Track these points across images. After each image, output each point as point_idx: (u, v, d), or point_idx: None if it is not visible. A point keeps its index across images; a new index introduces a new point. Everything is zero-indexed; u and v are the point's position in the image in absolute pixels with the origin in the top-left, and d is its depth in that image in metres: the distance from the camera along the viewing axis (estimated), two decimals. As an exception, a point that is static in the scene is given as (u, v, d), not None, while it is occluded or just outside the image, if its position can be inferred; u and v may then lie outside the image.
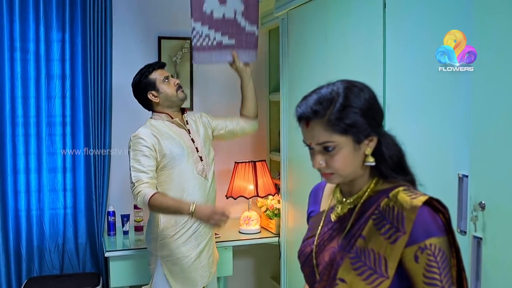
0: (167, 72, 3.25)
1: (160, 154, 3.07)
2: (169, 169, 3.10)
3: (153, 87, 3.16)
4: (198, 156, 3.19)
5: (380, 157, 1.50)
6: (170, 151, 3.08)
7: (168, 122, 3.19)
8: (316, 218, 1.70)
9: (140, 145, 3.03)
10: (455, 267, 1.42)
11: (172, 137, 3.12)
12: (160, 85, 3.15)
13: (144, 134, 3.06)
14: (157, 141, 3.06)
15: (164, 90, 3.16)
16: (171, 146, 3.09)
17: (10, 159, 3.84)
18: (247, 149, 4.45)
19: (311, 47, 3.26)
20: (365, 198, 1.54)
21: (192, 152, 3.17)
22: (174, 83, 3.19)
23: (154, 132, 3.09)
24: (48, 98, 3.91)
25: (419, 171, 1.58)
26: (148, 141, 3.04)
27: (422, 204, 1.41)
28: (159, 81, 3.15)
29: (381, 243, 1.43)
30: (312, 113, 1.45)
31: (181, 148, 3.12)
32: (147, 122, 3.19)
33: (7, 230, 3.85)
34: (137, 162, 3.00)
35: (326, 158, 1.48)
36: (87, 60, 3.89)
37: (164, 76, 3.17)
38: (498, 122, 1.78)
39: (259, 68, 4.43)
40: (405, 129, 2.22)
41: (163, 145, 3.08)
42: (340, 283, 1.47)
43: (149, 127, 3.13)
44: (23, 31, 3.83)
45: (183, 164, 3.12)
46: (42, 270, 3.97)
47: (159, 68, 3.21)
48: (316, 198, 1.76)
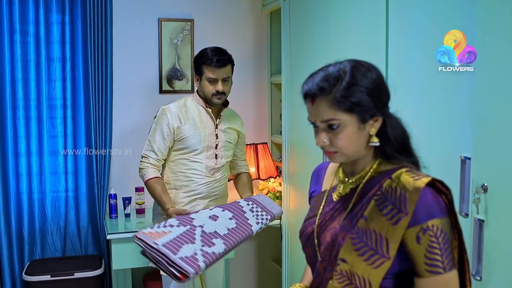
0: (224, 72, 3.13)
1: (177, 137, 3.14)
2: (182, 153, 3.17)
3: (199, 74, 3.17)
4: (214, 153, 3.21)
5: (385, 138, 1.50)
6: (188, 138, 3.13)
7: (202, 108, 3.21)
8: (317, 198, 1.70)
9: (163, 121, 3.13)
10: (456, 249, 1.43)
11: (196, 125, 3.16)
12: (204, 80, 3.14)
13: (171, 113, 3.14)
14: (179, 125, 3.12)
15: (203, 86, 3.15)
16: (191, 134, 3.13)
17: (11, 142, 3.84)
18: (249, 132, 4.42)
19: (313, 29, 3.24)
20: (367, 178, 1.53)
21: (209, 147, 3.19)
22: (214, 88, 3.12)
23: (181, 114, 3.15)
24: (48, 81, 3.90)
25: (422, 153, 1.58)
26: (171, 122, 3.12)
27: (425, 185, 1.41)
28: (205, 76, 3.13)
29: (382, 224, 1.43)
30: (318, 90, 1.44)
31: (199, 138, 3.15)
32: (184, 99, 3.25)
33: (9, 213, 3.86)
34: (153, 138, 3.14)
35: (330, 136, 1.47)
36: (87, 42, 3.87)
37: (210, 77, 3.11)
38: (501, 104, 1.77)
39: (260, 50, 4.42)
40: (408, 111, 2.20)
41: (184, 130, 3.13)
42: (341, 263, 1.47)
43: (181, 106, 3.19)
44: (22, 13, 3.81)
45: (195, 154, 3.16)
46: (44, 252, 3.98)
47: (216, 67, 3.11)
48: (318, 178, 1.76)
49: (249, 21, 4.39)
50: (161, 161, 3.18)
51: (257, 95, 4.46)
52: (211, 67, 3.09)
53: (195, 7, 4.24)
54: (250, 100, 4.45)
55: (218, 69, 3.10)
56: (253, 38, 4.41)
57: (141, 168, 3.16)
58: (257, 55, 4.42)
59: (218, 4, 4.29)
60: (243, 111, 4.35)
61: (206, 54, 3.12)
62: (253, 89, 4.45)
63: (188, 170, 3.19)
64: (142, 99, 4.15)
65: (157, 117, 3.17)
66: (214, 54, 3.12)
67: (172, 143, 3.16)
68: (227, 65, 3.14)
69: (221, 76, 3.11)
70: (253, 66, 4.43)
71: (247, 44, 4.39)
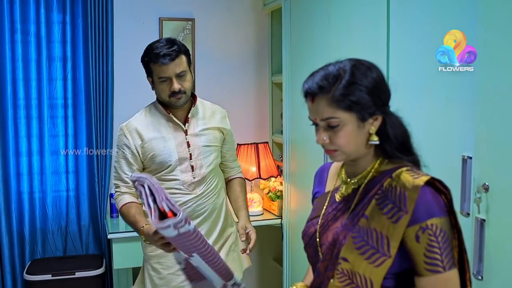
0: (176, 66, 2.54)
1: (144, 156, 2.65)
2: (157, 173, 2.67)
3: (150, 75, 2.63)
4: (190, 165, 2.67)
5: (385, 136, 1.50)
6: (155, 155, 2.64)
7: (164, 115, 2.68)
8: (321, 199, 1.70)
9: (123, 144, 2.67)
10: (456, 248, 1.43)
11: (162, 138, 2.65)
12: (156, 81, 2.59)
13: (129, 131, 2.66)
14: (141, 143, 2.63)
15: (157, 89, 2.62)
16: (158, 150, 2.63)
17: (12, 142, 3.84)
18: (250, 131, 4.43)
19: (314, 28, 3.24)
20: (369, 178, 1.54)
21: (182, 159, 2.66)
22: (168, 88, 2.56)
23: (142, 129, 2.65)
24: (49, 80, 3.90)
25: (423, 152, 1.58)
26: (131, 142, 2.64)
27: (424, 184, 1.41)
28: (156, 76, 2.57)
29: (383, 223, 1.44)
30: (317, 88, 1.46)
31: (167, 153, 2.63)
32: (145, 110, 2.74)
33: (10, 213, 3.86)
34: (118, 164, 2.69)
35: (330, 134, 1.48)
36: (88, 42, 3.87)
37: (161, 77, 2.55)
38: (502, 103, 1.77)
39: (261, 50, 4.42)
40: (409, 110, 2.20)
41: (149, 147, 2.64)
42: (342, 262, 1.47)
43: (141, 119, 2.70)
44: (23, 12, 3.80)
45: (169, 172, 2.66)
46: (45, 252, 3.99)
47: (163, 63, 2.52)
48: (321, 179, 1.77)
49: (250, 20, 4.38)
50: (132, 187, 2.63)
51: (258, 94, 4.46)
52: (158, 64, 2.52)
53: (196, 7, 4.24)
54: (251, 99, 4.44)
55: (167, 65, 2.52)
56: (254, 37, 4.41)
57: (115, 198, 2.70)
58: (258, 54, 4.42)
59: (219, 3, 4.29)
60: (244, 110, 4.37)
61: (151, 50, 2.56)
62: (254, 88, 4.44)
63: (166, 189, 2.52)
64: (143, 99, 4.14)
65: (118, 138, 2.70)
66: (159, 48, 2.54)
67: (141, 164, 2.68)
68: (177, 57, 2.53)
69: (174, 72, 2.53)
70: (254, 65, 4.42)
71: (248, 43, 4.39)
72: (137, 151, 2.64)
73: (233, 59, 4.33)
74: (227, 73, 4.32)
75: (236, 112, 4.37)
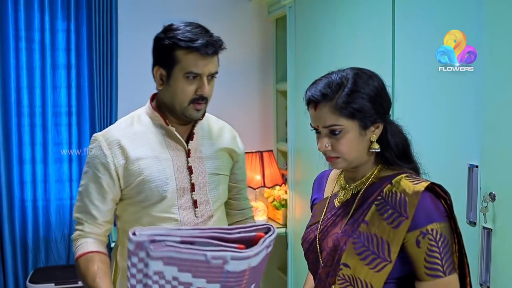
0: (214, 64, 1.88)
1: (126, 182, 1.90)
2: (141, 207, 1.92)
3: (168, 66, 1.87)
4: (192, 199, 1.95)
5: (386, 144, 1.54)
6: (144, 182, 1.88)
7: (161, 128, 1.96)
8: (319, 205, 1.73)
9: (97, 161, 1.89)
10: (456, 253, 1.44)
11: (155, 158, 1.91)
12: (178, 76, 1.85)
13: (109, 143, 1.90)
14: (124, 162, 1.89)
15: (175, 88, 1.87)
16: (149, 175, 1.89)
17: (16, 150, 3.83)
18: (254, 139, 4.42)
19: (319, 36, 3.23)
20: (368, 184, 1.56)
21: (182, 190, 1.93)
22: (194, 90, 1.86)
23: (126, 143, 1.90)
24: (53, 88, 3.90)
25: (429, 161, 1.60)
26: (110, 159, 1.88)
27: (424, 189, 1.43)
28: (182, 70, 1.84)
29: (384, 228, 1.46)
30: (320, 96, 1.49)
31: (163, 179, 1.90)
32: (130, 118, 2.02)
33: (13, 221, 3.85)
34: (85, 190, 1.92)
35: (332, 142, 1.51)
36: (93, 49, 3.87)
37: (191, 72, 1.84)
38: (508, 112, 1.76)
39: (266, 57, 4.41)
40: (415, 118, 2.20)
41: (136, 169, 1.88)
42: (344, 268, 1.49)
43: (126, 128, 1.96)
44: (28, 20, 3.81)
45: (161, 209, 1.91)
46: (48, 260, 3.97)
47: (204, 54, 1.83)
48: (320, 186, 1.80)
49: (255, 28, 4.38)
50: (104, 225, 1.93)
51: (262, 102, 4.45)
52: (194, 53, 1.82)
53: (200, 14, 4.21)
54: (256, 107, 4.43)
55: (207, 59, 1.84)
56: (258, 45, 4.40)
57: (73, 239, 1.94)
58: (262, 62, 4.41)
59: (224, 10, 4.28)
60: (249, 118, 4.36)
61: (180, 32, 1.88)
62: (259, 96, 4.43)
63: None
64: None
65: (88, 155, 1.95)
66: (194, 32, 1.86)
67: (119, 192, 1.92)
68: (220, 51, 1.90)
69: (209, 71, 1.86)
70: (258, 73, 4.41)
71: (252, 51, 4.38)
72: (117, 174, 1.89)
73: (238, 67, 4.32)
74: (232, 80, 4.31)
75: (240, 120, 4.36)
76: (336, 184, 1.70)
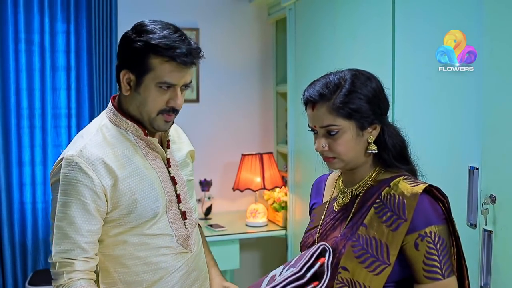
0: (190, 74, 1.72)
1: (115, 204, 1.70)
2: (129, 228, 1.73)
3: (141, 72, 1.67)
4: (180, 211, 1.83)
5: (383, 146, 1.54)
6: (135, 203, 1.71)
7: (137, 138, 1.77)
8: (319, 210, 1.72)
9: (80, 185, 1.64)
10: (455, 256, 1.45)
11: (138, 174, 1.73)
12: (149, 86, 1.67)
13: (92, 162, 1.66)
14: (111, 184, 1.67)
15: (146, 97, 1.69)
16: (139, 193, 1.72)
17: (15, 152, 3.82)
18: (254, 141, 4.42)
19: (319, 38, 3.22)
20: (366, 187, 1.56)
21: (170, 204, 1.80)
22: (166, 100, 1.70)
23: (111, 161, 1.69)
24: (53, 90, 3.89)
25: (429, 162, 1.61)
26: (97, 181, 1.65)
27: (423, 191, 1.44)
28: (155, 79, 1.66)
29: (382, 231, 1.46)
30: (318, 96, 1.50)
31: (154, 197, 1.74)
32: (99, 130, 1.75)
33: (13, 223, 3.84)
34: (67, 220, 1.65)
35: (329, 142, 1.52)
36: (92, 51, 3.87)
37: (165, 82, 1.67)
38: (509, 114, 1.76)
39: (266, 59, 4.41)
40: (415, 119, 2.20)
41: (125, 190, 1.70)
42: (342, 271, 1.49)
43: (102, 144, 1.71)
44: (27, 22, 3.80)
45: (152, 227, 1.75)
46: (48, 263, 3.95)
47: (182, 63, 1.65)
48: (319, 191, 1.80)
49: (255, 30, 4.38)
50: (95, 259, 1.71)
51: (262, 104, 4.44)
52: (173, 63, 1.65)
53: (200, 16, 4.23)
54: (256, 109, 4.43)
55: (183, 70, 1.68)
56: (258, 47, 4.40)
57: (60, 285, 1.66)
58: (262, 64, 4.41)
59: (224, 13, 4.28)
60: (249, 120, 4.37)
61: (159, 36, 1.66)
62: (259, 98, 4.43)
63: (151, 254, 1.76)
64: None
65: (63, 182, 1.65)
66: (177, 39, 1.67)
67: (103, 217, 1.71)
68: (197, 63, 1.71)
69: (185, 81, 1.71)
70: (258, 75, 4.41)
71: (252, 53, 4.38)
72: (105, 196, 1.67)
73: (238, 69, 4.32)
74: (232, 83, 4.31)
75: (240, 122, 4.37)
76: (335, 188, 1.70)
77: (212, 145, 4.27)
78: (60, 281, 1.66)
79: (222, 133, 4.30)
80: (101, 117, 1.82)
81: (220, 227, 3.87)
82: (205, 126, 4.26)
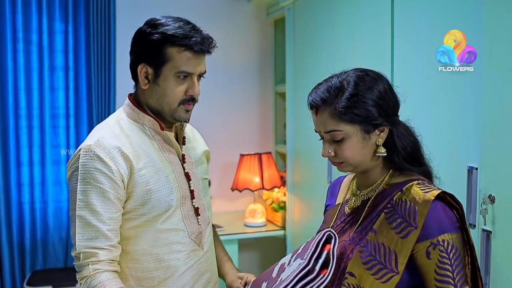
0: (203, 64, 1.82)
1: (132, 194, 1.72)
2: (138, 225, 1.75)
3: (156, 63, 1.74)
4: (193, 207, 1.85)
5: (393, 148, 1.48)
6: (150, 193, 1.72)
7: (154, 133, 1.81)
8: (331, 211, 1.69)
9: (99, 173, 1.67)
10: (469, 266, 1.38)
11: (154, 167, 1.75)
12: (168, 76, 1.73)
13: (109, 151, 1.69)
14: (128, 173, 1.70)
15: (164, 88, 1.74)
16: (154, 184, 1.73)
17: (14, 152, 3.82)
18: (253, 141, 4.41)
19: (318, 38, 3.22)
20: (379, 191, 1.51)
21: (183, 199, 1.81)
22: (185, 90, 1.75)
23: (128, 151, 1.71)
24: (51, 90, 3.89)
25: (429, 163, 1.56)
26: (115, 168, 1.67)
27: (435, 198, 1.38)
28: (173, 69, 1.72)
29: (392, 238, 1.41)
30: (320, 101, 1.45)
31: (168, 189, 1.76)
32: (116, 122, 1.79)
33: (11, 223, 3.84)
34: (92, 213, 1.66)
35: (334, 147, 1.47)
36: (90, 51, 3.87)
37: (182, 71, 1.73)
38: (508, 114, 1.76)
39: (264, 59, 4.40)
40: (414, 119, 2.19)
41: (141, 181, 1.72)
42: (349, 276, 1.45)
43: (119, 135, 1.75)
44: (25, 21, 3.80)
45: (166, 221, 1.76)
46: (46, 263, 3.95)
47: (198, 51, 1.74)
48: (333, 192, 1.75)
49: (254, 30, 4.37)
50: (118, 247, 1.71)
51: (261, 104, 4.44)
52: (190, 51, 1.72)
53: (198, 16, 4.20)
54: (254, 109, 4.42)
55: (200, 57, 1.77)
56: (257, 47, 4.39)
57: (84, 276, 1.65)
58: (261, 64, 4.41)
59: (222, 12, 4.28)
60: (247, 121, 4.36)
61: (173, 27, 1.75)
62: (257, 98, 4.43)
63: (163, 251, 1.77)
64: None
65: (82, 171, 1.67)
66: (191, 28, 1.76)
67: (123, 206, 1.72)
68: (211, 51, 1.81)
69: (200, 70, 1.80)
70: (257, 75, 4.40)
71: (251, 53, 4.38)
72: (123, 184, 1.69)
73: (236, 69, 4.32)
74: (230, 83, 4.31)
75: (239, 122, 4.37)
76: (349, 191, 1.65)
77: (211, 145, 4.20)
78: (85, 273, 1.65)
79: (220, 133, 4.29)
80: (119, 112, 1.85)
81: (218, 227, 3.86)
82: (203, 126, 4.24)
